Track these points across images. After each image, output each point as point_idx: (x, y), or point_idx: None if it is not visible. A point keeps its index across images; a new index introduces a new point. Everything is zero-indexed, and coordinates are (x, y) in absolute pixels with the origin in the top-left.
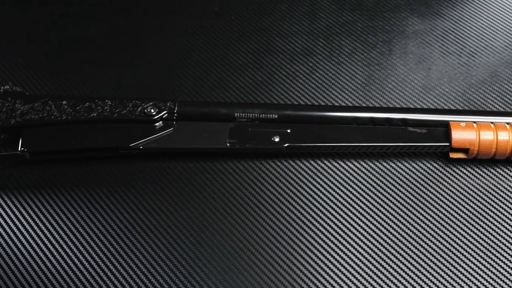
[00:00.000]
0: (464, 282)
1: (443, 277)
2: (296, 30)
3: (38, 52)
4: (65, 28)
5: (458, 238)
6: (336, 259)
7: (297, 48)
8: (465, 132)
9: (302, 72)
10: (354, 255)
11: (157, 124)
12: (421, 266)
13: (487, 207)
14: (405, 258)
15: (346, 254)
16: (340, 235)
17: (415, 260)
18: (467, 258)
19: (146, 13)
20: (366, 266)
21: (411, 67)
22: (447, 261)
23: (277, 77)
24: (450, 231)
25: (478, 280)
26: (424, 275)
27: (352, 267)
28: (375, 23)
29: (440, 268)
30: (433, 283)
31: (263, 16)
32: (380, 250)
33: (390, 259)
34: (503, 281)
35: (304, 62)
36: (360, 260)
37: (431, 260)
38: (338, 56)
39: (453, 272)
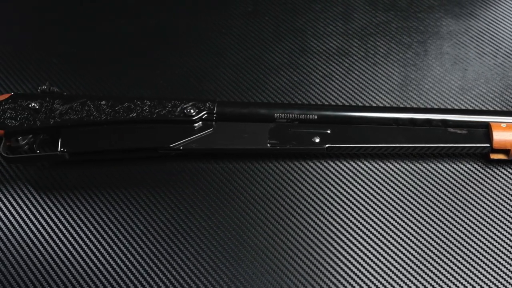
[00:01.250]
0: (509, 282)
1: (486, 277)
2: (331, 30)
3: (72, 52)
4: (100, 28)
5: (500, 238)
6: (378, 259)
7: (332, 48)
8: (506, 133)
9: (338, 72)
10: (396, 254)
11: (196, 124)
12: (464, 266)
13: None
14: (448, 259)
15: (388, 254)
16: (382, 235)
17: (457, 260)
18: (510, 258)
19: (181, 13)
20: (408, 265)
21: (447, 68)
22: (490, 261)
23: (313, 77)
24: (491, 231)
25: None
26: (467, 274)
27: (394, 266)
28: (410, 23)
29: (483, 269)
30: (476, 282)
31: (297, 16)
32: (422, 250)
33: (433, 259)
34: None
35: (340, 63)
36: (402, 260)
37: (473, 260)
38: (373, 56)
39: (496, 273)
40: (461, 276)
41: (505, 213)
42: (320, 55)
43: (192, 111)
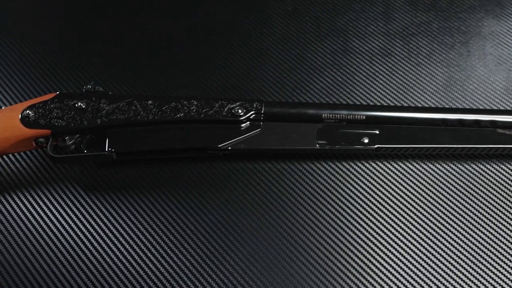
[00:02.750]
0: None
1: None
2: (372, 30)
3: (114, 52)
4: (142, 27)
5: None
6: (429, 258)
7: (374, 48)
8: None
9: (382, 73)
10: (447, 254)
11: (243, 125)
12: None
13: None
14: (498, 257)
15: (440, 255)
16: (433, 235)
17: (508, 259)
18: None
19: (221, 13)
20: (456, 268)
21: (491, 68)
22: None
23: (357, 77)
24: None
25: None
26: None
27: (445, 266)
28: (451, 24)
29: None
30: None
31: (337, 16)
32: (473, 250)
33: (483, 258)
34: None
35: (383, 63)
36: (453, 258)
37: None
38: (416, 57)
39: None
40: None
41: None
42: (363, 55)
43: (240, 111)
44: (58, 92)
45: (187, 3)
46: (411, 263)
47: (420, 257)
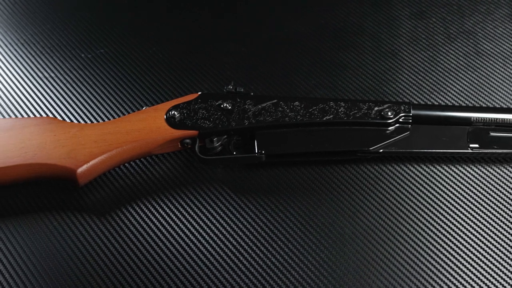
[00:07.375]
0: None
1: None
2: (501, 32)
3: (246, 52)
4: (272, 27)
5: None
6: None
7: (506, 51)
8: None
9: None
10: None
11: (391, 127)
12: None
13: None
14: None
15: None
16: None
17: None
18: None
19: (348, 12)
20: None
21: None
22: None
23: (493, 80)
24: None
25: None
26: None
27: None
28: None
29: None
30: None
31: (464, 18)
32: None
33: None
34: None
35: None
36: None
37: None
38: None
39: None
40: None
41: None
42: (496, 57)
43: (389, 113)
44: (200, 93)
45: (314, 4)
46: None
47: None
